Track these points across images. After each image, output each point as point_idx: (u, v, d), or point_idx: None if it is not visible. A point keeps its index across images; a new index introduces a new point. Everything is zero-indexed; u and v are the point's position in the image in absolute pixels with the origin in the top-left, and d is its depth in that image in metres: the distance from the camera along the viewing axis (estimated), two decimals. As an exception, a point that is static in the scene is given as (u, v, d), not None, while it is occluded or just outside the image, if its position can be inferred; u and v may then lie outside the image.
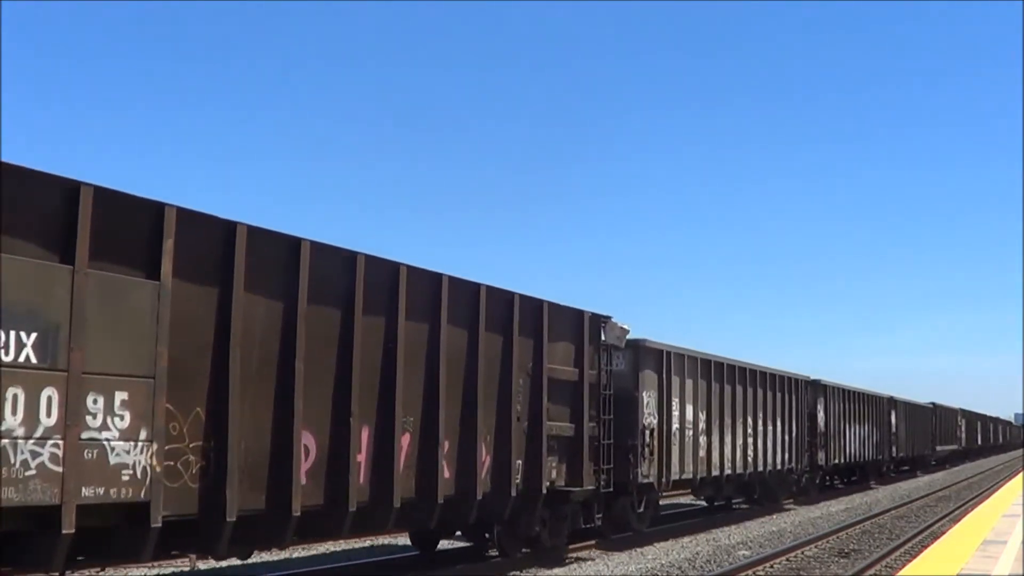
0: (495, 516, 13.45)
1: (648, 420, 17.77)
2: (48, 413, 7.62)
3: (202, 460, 9.02)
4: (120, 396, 8.17)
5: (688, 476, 19.69)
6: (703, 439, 20.36)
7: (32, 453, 7.50)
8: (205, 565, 14.76)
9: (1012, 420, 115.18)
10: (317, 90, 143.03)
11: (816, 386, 29.88)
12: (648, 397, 17.86)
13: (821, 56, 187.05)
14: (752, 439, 23.36)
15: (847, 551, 17.53)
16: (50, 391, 7.63)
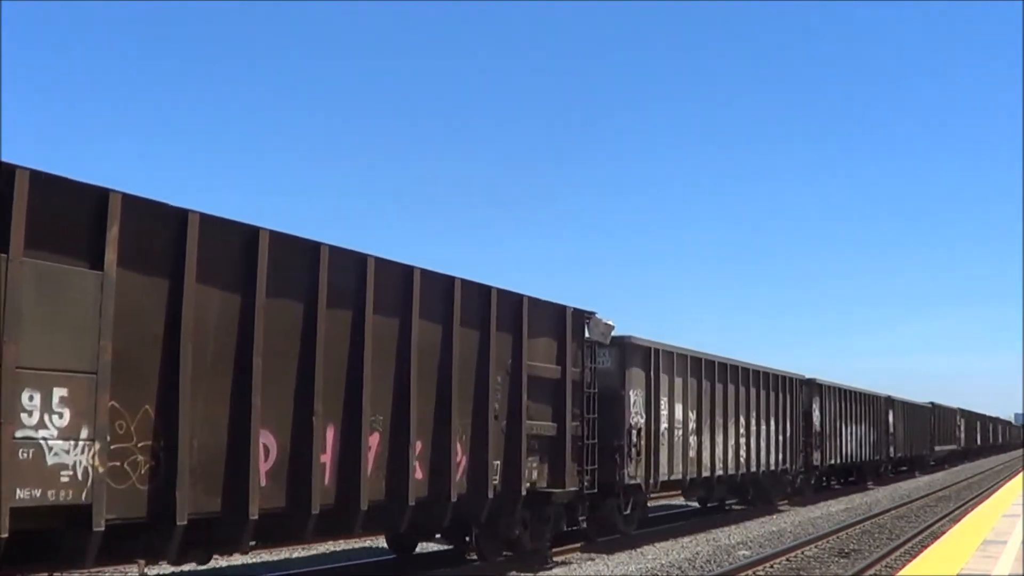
0: (472, 518, 12.99)
1: (635, 419, 17.29)
2: (-22, 411, 7.16)
3: (151, 460, 8.56)
4: (59, 392, 7.72)
5: (678, 477, 19.21)
6: (693, 439, 19.86)
7: (-40, 453, 7.05)
8: (205, 566, 14.52)
9: (1012, 420, 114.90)
10: (314, 88, 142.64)
11: (811, 385, 29.37)
12: (635, 396, 17.37)
13: (816, 53, 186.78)
14: (745, 439, 22.87)
15: (847, 551, 17.46)
16: (-20, 388, 7.18)
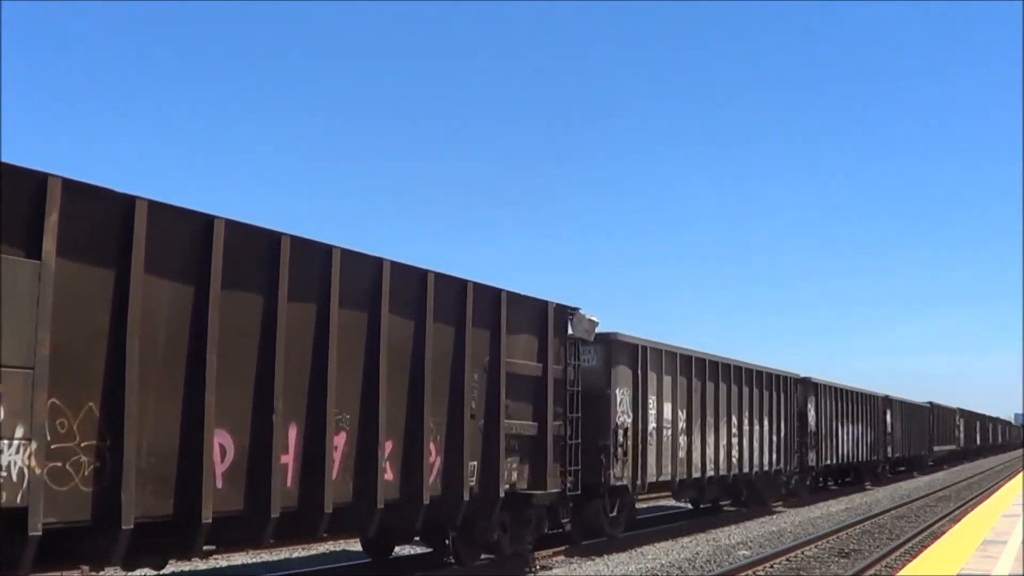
0: (446, 521, 12.49)
1: (621, 419, 16.81)
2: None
3: (96, 461, 8.06)
4: (-10, 389, 7.24)
5: (666, 478, 18.72)
6: (683, 439, 19.36)
7: None
8: (205, 565, 14.53)
9: (1012, 420, 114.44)
10: (314, 88, 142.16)
11: (806, 384, 28.90)
12: (621, 394, 16.88)
13: (816, 53, 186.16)
14: (737, 439, 22.38)
15: (847, 551, 17.40)
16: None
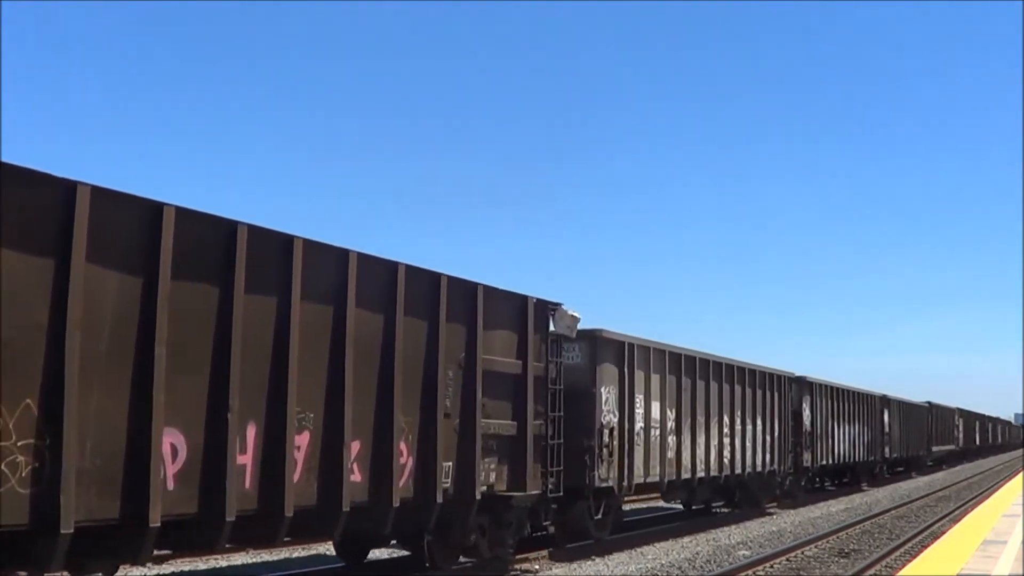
0: (419, 524, 12.01)
1: (607, 418, 16.32)
2: None
3: (35, 461, 7.59)
4: (-85, 385, 6.79)
5: (654, 479, 18.22)
6: (672, 439, 18.87)
7: None
8: (205, 565, 14.38)
9: (1012, 420, 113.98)
10: (314, 88, 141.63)
11: (801, 383, 28.39)
12: (607, 393, 16.39)
13: (815, 51, 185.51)
14: (728, 439, 21.88)
15: (847, 551, 17.36)
16: None
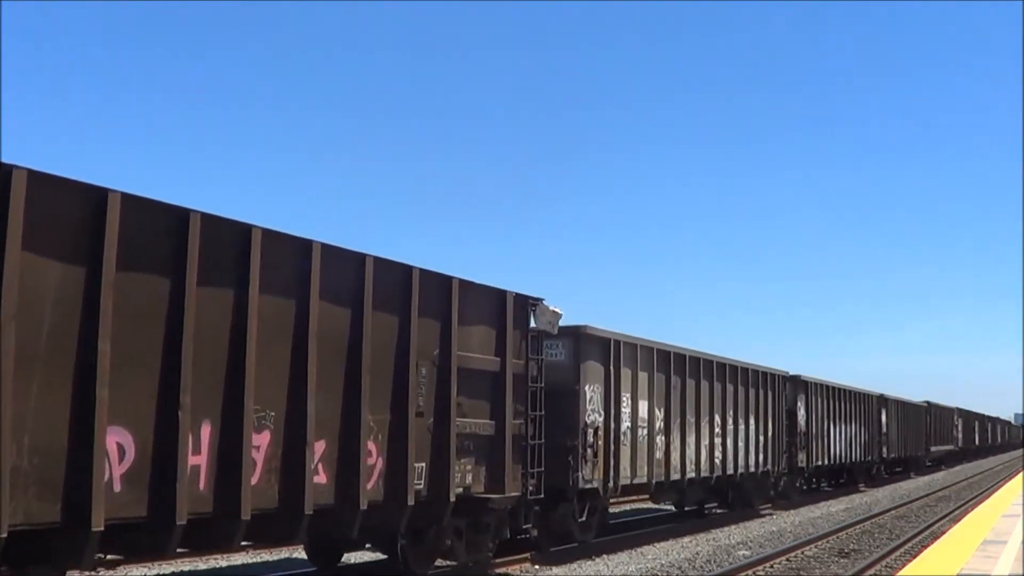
0: (390, 527, 11.53)
1: (591, 418, 15.82)
2: None
3: (-35, 462, 7.16)
4: None
5: (642, 480, 17.72)
6: (660, 439, 18.38)
7: None
8: (205, 565, 14.23)
9: (1012, 420, 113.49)
10: (313, 88, 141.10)
11: (796, 382, 27.90)
12: (592, 392, 15.90)
13: (814, 50, 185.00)
14: (720, 439, 21.39)
15: (847, 551, 17.34)
16: None
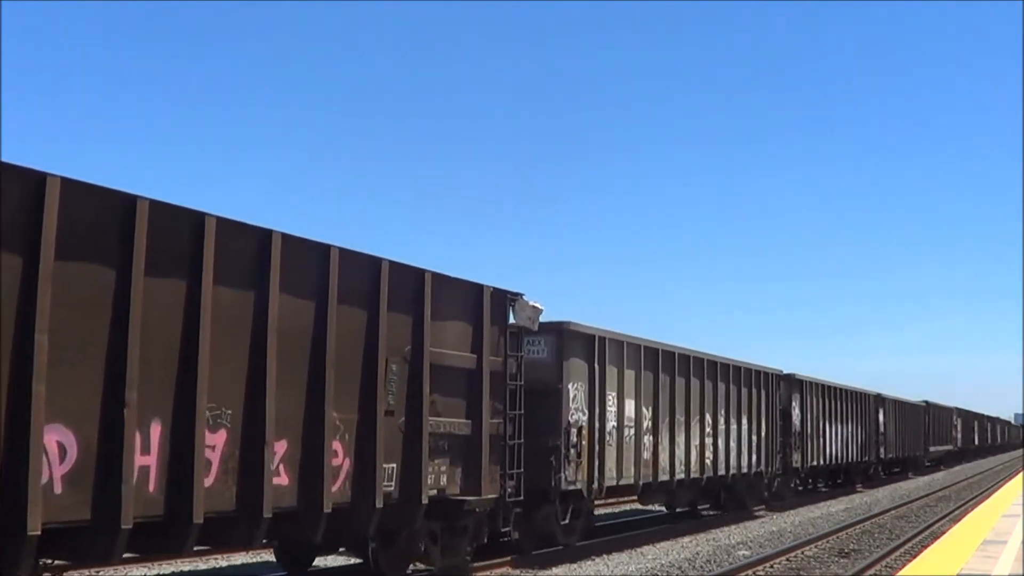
0: (358, 531, 11.07)
1: (575, 417, 15.35)
2: None
3: None
4: None
5: (628, 481, 17.24)
6: (648, 439, 17.91)
7: None
8: (205, 565, 14.12)
9: (1012, 420, 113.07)
10: (312, 88, 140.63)
11: (790, 381, 27.42)
12: (575, 390, 15.43)
13: (813, 50, 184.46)
14: (711, 439, 20.92)
15: (847, 551, 17.32)
16: None
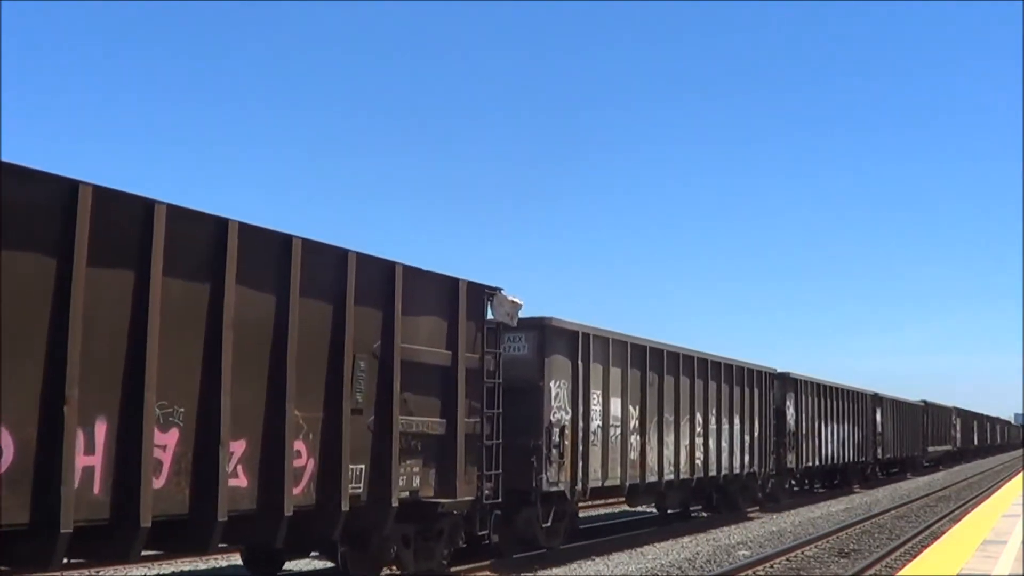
0: (323, 535, 10.63)
1: (557, 416, 14.91)
2: None
3: None
4: None
5: (614, 482, 16.78)
6: (635, 439, 17.47)
7: None
8: (205, 565, 14.10)
9: (1012, 420, 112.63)
10: (311, 88, 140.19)
11: (784, 380, 26.95)
12: (557, 388, 14.99)
13: (813, 50, 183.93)
14: (702, 439, 20.48)
15: (847, 551, 17.35)
16: None
